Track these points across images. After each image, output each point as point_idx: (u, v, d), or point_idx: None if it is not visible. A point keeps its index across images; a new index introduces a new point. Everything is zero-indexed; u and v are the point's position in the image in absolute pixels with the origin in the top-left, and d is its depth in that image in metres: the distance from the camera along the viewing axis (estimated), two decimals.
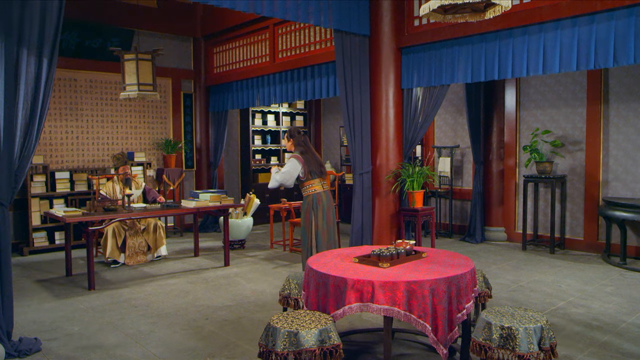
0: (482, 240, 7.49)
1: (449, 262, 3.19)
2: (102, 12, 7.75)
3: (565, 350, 3.55)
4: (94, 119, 7.99)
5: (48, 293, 5.20)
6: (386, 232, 6.00)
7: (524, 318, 2.73)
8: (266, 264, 6.37)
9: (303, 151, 4.95)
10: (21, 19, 3.53)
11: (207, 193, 6.63)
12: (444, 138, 8.36)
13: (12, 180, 3.61)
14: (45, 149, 7.52)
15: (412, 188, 5.93)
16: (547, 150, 6.98)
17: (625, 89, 6.36)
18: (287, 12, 5.18)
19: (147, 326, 4.17)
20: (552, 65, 4.83)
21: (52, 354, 3.64)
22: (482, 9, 3.21)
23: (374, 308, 2.77)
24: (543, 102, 7.13)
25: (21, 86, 3.56)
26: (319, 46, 6.83)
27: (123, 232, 6.20)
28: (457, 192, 8.14)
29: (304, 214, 4.92)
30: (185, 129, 9.04)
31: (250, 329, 4.06)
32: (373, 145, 6.03)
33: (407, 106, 6.05)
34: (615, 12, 4.42)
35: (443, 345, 2.80)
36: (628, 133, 6.36)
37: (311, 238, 4.89)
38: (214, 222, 8.86)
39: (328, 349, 2.64)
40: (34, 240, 7.08)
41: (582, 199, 6.80)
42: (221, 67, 8.79)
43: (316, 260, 3.31)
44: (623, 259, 5.95)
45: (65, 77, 7.69)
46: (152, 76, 6.15)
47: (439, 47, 5.69)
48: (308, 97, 7.06)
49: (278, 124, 9.98)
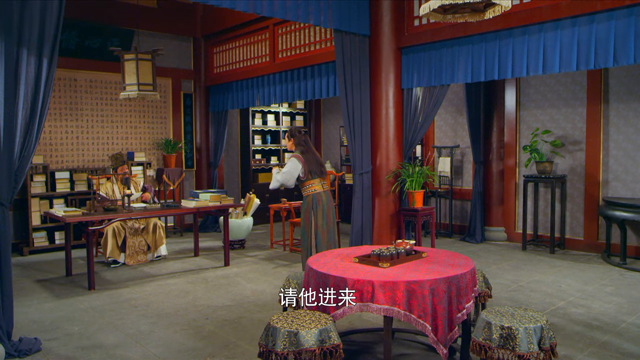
0: (482, 240, 7.49)
1: (449, 262, 3.19)
2: (102, 12, 7.75)
3: (565, 350, 3.55)
4: (94, 119, 7.99)
5: (48, 293, 5.20)
6: (386, 232, 6.00)
7: (524, 318, 2.73)
8: (266, 264, 6.37)
9: (304, 151, 4.95)
10: (21, 19, 3.53)
11: (207, 193, 6.64)
12: (444, 138, 8.36)
13: (12, 180, 3.61)
14: (45, 149, 7.52)
15: (412, 188, 5.93)
16: (547, 150, 6.97)
17: (625, 89, 6.36)
18: (287, 12, 5.18)
19: (147, 326, 4.17)
20: (552, 65, 4.83)
21: (52, 354, 3.64)
22: (482, 9, 3.21)
23: (374, 308, 2.77)
24: (543, 102, 7.13)
25: (21, 86, 3.56)
26: (319, 46, 6.83)
27: (123, 232, 6.20)
28: (457, 192, 8.14)
29: (304, 213, 4.92)
30: (185, 129, 9.04)
31: (250, 329, 4.06)
32: (373, 145, 6.03)
33: (407, 106, 6.05)
34: (615, 12, 4.42)
35: (443, 345, 2.80)
36: (628, 133, 6.36)
37: (311, 238, 4.89)
38: (214, 222, 8.85)
39: (328, 349, 2.64)
40: (34, 240, 7.08)
41: (582, 198, 6.80)
42: (221, 67, 8.79)
43: (316, 260, 3.31)
44: (623, 258, 5.95)
45: (65, 77, 7.69)
46: (152, 76, 6.15)
47: (439, 47, 5.69)
48: (308, 97, 7.06)
49: (278, 124, 9.98)
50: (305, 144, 5.00)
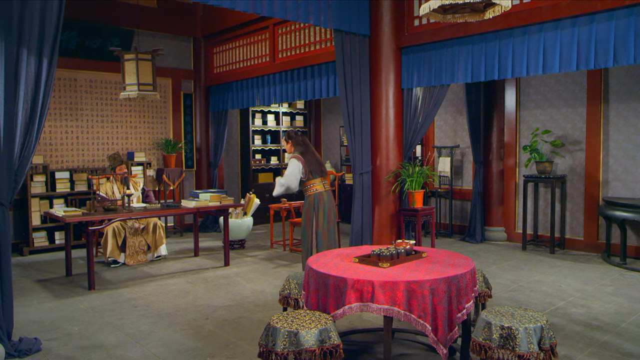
0: (482, 240, 7.49)
1: (449, 262, 3.19)
2: (102, 12, 7.75)
3: (565, 350, 3.55)
4: (94, 119, 7.99)
5: (48, 293, 5.20)
6: (386, 232, 6.00)
7: (524, 318, 2.73)
8: (266, 264, 6.37)
9: (303, 151, 4.94)
10: (21, 19, 3.53)
11: (207, 193, 6.64)
12: (444, 138, 8.36)
13: (12, 180, 3.61)
14: (45, 149, 7.52)
15: (412, 188, 5.93)
16: (547, 150, 6.97)
17: (625, 89, 6.36)
18: (287, 12, 5.18)
19: (147, 326, 4.17)
20: (552, 65, 4.83)
21: (52, 354, 3.64)
22: (482, 9, 3.21)
23: (374, 308, 2.77)
24: (543, 102, 7.13)
25: (21, 86, 3.56)
26: (319, 46, 6.83)
27: (123, 232, 6.20)
28: (457, 192, 8.14)
29: (305, 213, 4.92)
30: (185, 129, 9.04)
31: (250, 329, 4.06)
32: (373, 145, 6.03)
33: (407, 106, 6.05)
34: (615, 12, 4.42)
35: (443, 345, 2.80)
36: (628, 133, 6.36)
37: (311, 238, 4.89)
38: (214, 222, 8.86)
39: (328, 349, 2.64)
40: (34, 240, 7.08)
41: (582, 198, 6.80)
42: (221, 67, 8.79)
43: (316, 260, 3.31)
44: (623, 258, 5.95)
45: (65, 77, 7.69)
46: (152, 76, 6.15)
47: (439, 47, 5.69)
48: (308, 97, 7.06)
49: (278, 124, 9.98)
50: (303, 144, 4.99)
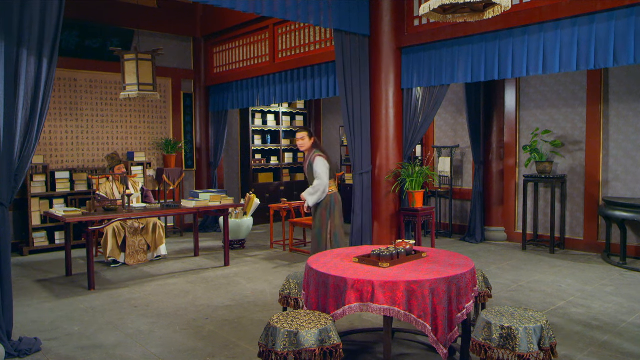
0: (482, 240, 7.49)
1: (449, 262, 3.19)
2: (102, 12, 7.75)
3: (565, 350, 3.55)
4: (94, 119, 7.99)
5: (48, 293, 5.20)
6: (386, 232, 6.00)
7: (524, 318, 2.73)
8: (266, 263, 6.37)
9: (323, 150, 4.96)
10: (21, 19, 3.53)
11: (207, 193, 6.64)
12: (444, 138, 8.36)
13: (12, 180, 3.61)
14: (45, 149, 7.52)
15: (412, 188, 5.93)
16: (547, 150, 6.97)
17: (625, 89, 6.36)
18: (287, 12, 5.18)
19: (147, 326, 4.17)
20: (552, 65, 4.83)
21: (52, 354, 3.64)
22: (482, 9, 3.21)
23: (374, 308, 2.77)
24: (543, 102, 7.13)
25: (21, 86, 3.56)
26: (319, 46, 6.83)
27: (123, 232, 6.20)
28: (457, 192, 8.14)
29: (320, 214, 4.90)
30: (185, 128, 9.04)
31: (250, 329, 4.06)
32: (373, 145, 6.03)
33: (407, 106, 6.05)
34: (615, 12, 4.43)
35: (443, 345, 2.80)
36: (628, 133, 6.36)
37: (326, 239, 4.87)
38: (214, 222, 8.85)
39: (328, 349, 2.64)
40: (34, 240, 7.08)
41: (582, 198, 6.80)
42: (221, 67, 8.79)
43: (316, 260, 3.31)
44: (623, 258, 5.95)
45: (65, 77, 7.69)
46: (152, 76, 6.15)
47: (439, 47, 5.69)
48: (308, 97, 7.06)
49: (278, 124, 9.98)
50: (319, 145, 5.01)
